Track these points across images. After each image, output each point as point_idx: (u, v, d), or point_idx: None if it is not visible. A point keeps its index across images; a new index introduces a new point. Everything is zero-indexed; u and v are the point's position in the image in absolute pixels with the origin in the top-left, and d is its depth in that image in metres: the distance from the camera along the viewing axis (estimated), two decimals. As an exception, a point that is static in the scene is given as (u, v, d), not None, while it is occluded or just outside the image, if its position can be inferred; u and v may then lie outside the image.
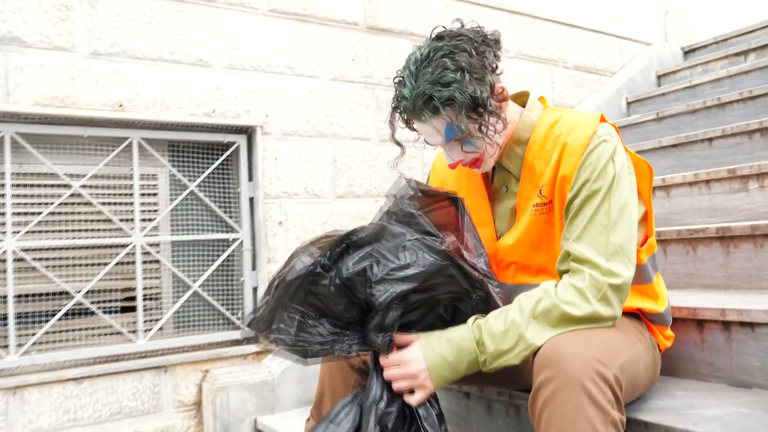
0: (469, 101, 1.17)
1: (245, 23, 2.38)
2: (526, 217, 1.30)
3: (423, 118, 1.22)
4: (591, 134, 1.23)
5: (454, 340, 1.14)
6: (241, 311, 2.36)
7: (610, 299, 1.14)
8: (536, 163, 1.29)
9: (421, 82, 1.19)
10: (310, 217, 2.47)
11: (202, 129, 2.31)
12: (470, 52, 1.19)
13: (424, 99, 1.18)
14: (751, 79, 3.01)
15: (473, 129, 1.21)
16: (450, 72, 1.16)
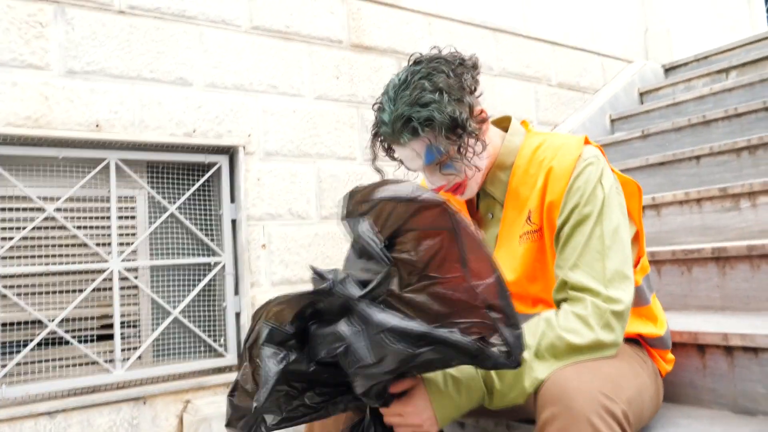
0: (448, 121, 1.14)
1: (227, 41, 2.32)
2: (515, 245, 1.26)
3: (402, 140, 1.18)
4: (576, 157, 1.20)
5: (462, 380, 1.08)
6: (223, 338, 2.27)
7: (613, 326, 1.09)
8: (521, 189, 1.26)
9: (399, 105, 1.17)
10: (295, 239, 2.40)
11: (182, 149, 2.24)
12: (447, 73, 1.17)
13: (403, 121, 1.16)
14: (734, 97, 3.02)
15: (453, 151, 1.18)
16: (428, 93, 1.14)
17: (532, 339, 1.08)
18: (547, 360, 1.06)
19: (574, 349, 1.07)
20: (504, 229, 1.27)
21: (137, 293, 2.16)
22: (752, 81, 2.95)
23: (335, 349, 0.95)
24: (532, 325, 1.10)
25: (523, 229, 1.24)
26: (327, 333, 0.97)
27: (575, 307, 1.10)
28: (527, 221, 1.23)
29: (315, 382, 1.02)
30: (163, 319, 2.18)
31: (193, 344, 2.23)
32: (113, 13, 2.11)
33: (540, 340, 1.07)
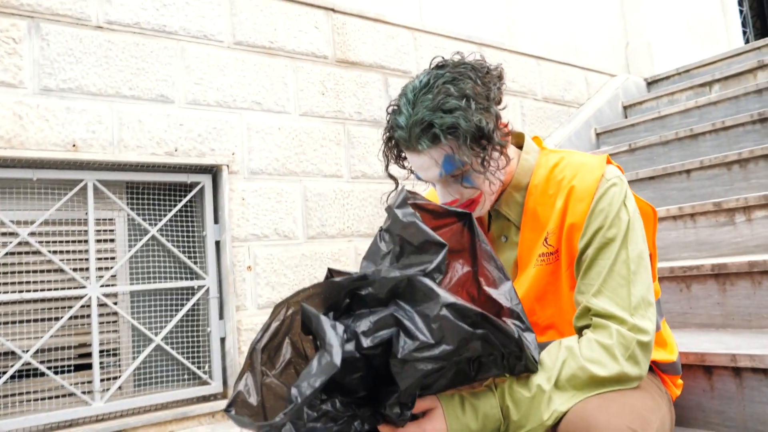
0: (474, 130, 1.06)
1: (209, 57, 2.25)
2: (530, 268, 1.20)
3: (420, 147, 1.09)
4: (599, 177, 1.13)
5: (480, 409, 1.01)
6: (208, 365, 2.18)
7: (638, 358, 1.03)
8: (539, 210, 1.19)
9: (419, 109, 1.08)
10: (281, 260, 2.32)
11: (163, 169, 2.16)
12: (475, 80, 1.09)
13: (423, 126, 1.07)
14: (720, 110, 3.02)
15: (476, 163, 1.10)
16: (453, 99, 1.06)
17: (552, 367, 1.02)
18: (567, 391, 0.99)
19: (597, 381, 1.00)
20: (523, 253, 1.21)
21: (117, 320, 2.07)
22: (737, 94, 2.96)
23: (384, 336, 0.90)
24: (552, 353, 1.04)
25: (540, 251, 1.17)
26: (373, 320, 0.91)
27: (599, 335, 1.04)
28: (544, 243, 1.17)
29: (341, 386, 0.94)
30: (145, 346, 2.08)
31: (177, 372, 2.14)
32: (90, 28, 2.03)
33: (561, 369, 1.01)
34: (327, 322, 0.87)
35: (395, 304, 0.93)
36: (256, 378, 0.93)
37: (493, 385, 1.03)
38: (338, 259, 2.47)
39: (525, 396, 1.00)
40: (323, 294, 0.93)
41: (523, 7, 3.56)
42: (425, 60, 2.93)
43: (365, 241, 2.56)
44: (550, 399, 0.98)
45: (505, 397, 1.01)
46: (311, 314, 0.89)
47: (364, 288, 0.94)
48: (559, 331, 1.18)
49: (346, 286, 0.93)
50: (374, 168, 2.65)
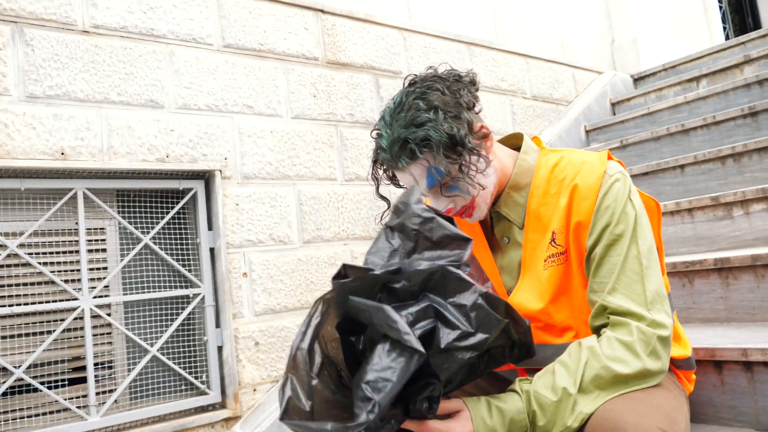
0: (445, 139, 1.08)
1: (198, 60, 2.21)
2: (540, 270, 1.18)
3: (401, 165, 1.12)
4: (602, 174, 1.13)
5: (507, 412, 0.99)
6: (205, 374, 2.13)
7: (659, 353, 1.02)
8: (542, 210, 1.18)
9: (395, 129, 1.11)
10: (277, 265, 2.28)
11: (154, 176, 2.11)
12: (442, 90, 1.12)
13: (400, 144, 1.10)
14: (709, 105, 3.04)
15: (454, 171, 1.11)
16: (423, 112, 1.09)
17: (576, 370, 1.00)
18: (591, 392, 0.98)
19: (621, 380, 0.99)
20: (527, 254, 1.19)
21: (111, 331, 2.01)
22: (725, 89, 2.98)
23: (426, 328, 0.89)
24: (573, 354, 1.02)
25: (547, 252, 1.16)
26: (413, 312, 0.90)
27: (619, 333, 1.03)
28: (552, 243, 1.15)
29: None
30: (140, 358, 2.03)
31: (174, 383, 2.09)
32: (77, 33, 1.98)
33: (584, 371, 0.99)
34: (393, 312, 0.86)
35: (426, 297, 0.92)
36: (302, 380, 0.89)
37: (519, 389, 1.01)
38: (334, 263, 2.44)
39: (551, 400, 0.97)
40: (361, 287, 0.91)
41: (510, 6, 3.55)
42: (415, 60, 2.90)
43: (361, 244, 2.53)
44: (576, 402, 0.97)
45: (531, 402, 0.99)
46: (370, 307, 0.87)
47: (397, 281, 0.92)
48: (576, 331, 1.17)
49: (382, 278, 0.92)
50: (367, 170, 2.61)
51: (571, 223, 1.13)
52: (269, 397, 2.18)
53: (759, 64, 3.17)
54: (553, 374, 1.01)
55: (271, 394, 2.18)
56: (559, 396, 0.97)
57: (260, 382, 2.18)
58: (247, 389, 2.14)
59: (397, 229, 1.05)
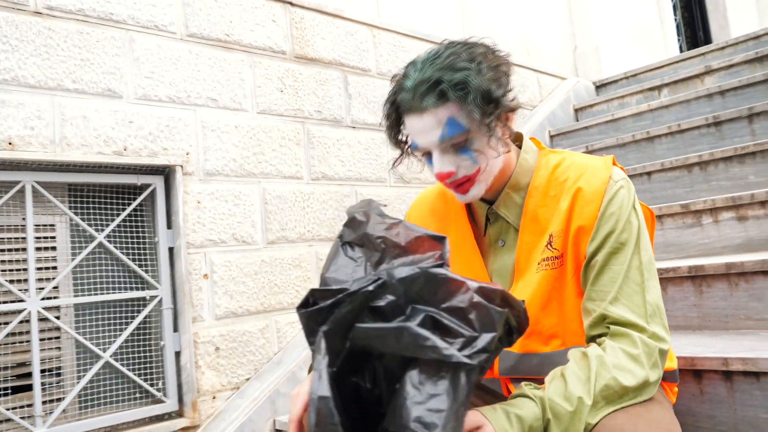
0: (484, 89, 1.01)
1: (160, 49, 2.09)
2: (532, 273, 1.13)
3: (425, 104, 1.02)
4: (607, 179, 1.09)
5: (526, 420, 0.93)
6: (162, 381, 2.01)
7: (659, 365, 0.99)
8: (540, 212, 1.13)
9: (427, 70, 1.03)
10: (240, 267, 2.18)
11: (111, 170, 1.98)
12: (485, 51, 1.06)
13: (429, 84, 1.02)
14: (672, 113, 3.08)
15: (482, 128, 1.03)
16: (464, 61, 1.02)
17: (587, 379, 0.95)
18: (598, 403, 0.93)
19: (625, 392, 0.95)
20: (521, 256, 1.14)
21: (60, 336, 1.87)
22: (688, 98, 3.02)
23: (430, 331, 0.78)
24: (581, 364, 0.97)
25: (542, 255, 1.11)
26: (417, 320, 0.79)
27: (623, 344, 0.98)
28: (548, 247, 1.10)
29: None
30: (92, 364, 1.90)
31: (127, 391, 1.96)
32: (28, 14, 1.84)
33: (596, 381, 0.94)
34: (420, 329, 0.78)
35: (416, 310, 0.80)
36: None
37: (532, 395, 0.95)
38: (299, 265, 2.35)
39: (567, 410, 0.93)
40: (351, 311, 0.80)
41: (478, 7, 3.53)
42: (384, 58, 2.84)
43: (326, 246, 2.45)
44: (590, 410, 0.92)
45: (546, 410, 0.94)
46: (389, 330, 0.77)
47: (382, 297, 0.80)
48: (562, 340, 1.12)
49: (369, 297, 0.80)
50: (335, 169, 2.54)
51: (572, 228, 1.08)
52: (229, 404, 2.07)
53: (719, 75, 3.23)
54: (564, 382, 0.96)
55: (231, 402, 2.08)
56: (575, 407, 0.92)
57: (220, 389, 2.07)
58: (206, 397, 2.03)
59: (357, 243, 0.96)
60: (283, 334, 2.27)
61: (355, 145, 2.64)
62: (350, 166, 2.60)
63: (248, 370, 2.15)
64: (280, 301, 2.28)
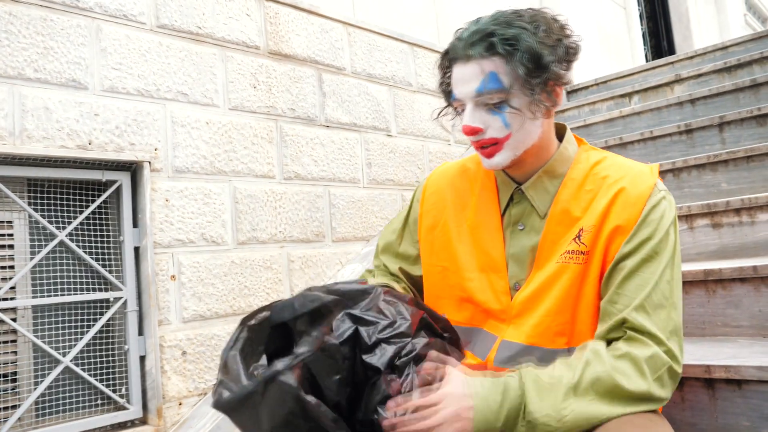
0: (535, 50, 0.99)
1: (129, 39, 2.00)
2: (553, 264, 1.09)
3: (471, 52, 1.02)
4: (652, 186, 1.07)
5: (500, 380, 0.91)
6: (125, 387, 1.92)
7: (665, 382, 0.96)
8: (572, 204, 1.10)
9: (483, 23, 1.04)
10: (209, 268, 2.10)
11: (74, 165, 1.88)
12: (551, 20, 1.06)
13: (482, 35, 1.02)
14: (643, 120, 3.10)
15: (523, 88, 1.01)
16: (523, 21, 1.02)
17: (575, 366, 0.94)
18: (587, 395, 0.91)
19: (620, 393, 0.92)
20: (545, 245, 1.11)
21: (16, 339, 1.77)
22: (659, 106, 3.05)
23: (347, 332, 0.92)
24: (575, 355, 0.97)
25: (568, 247, 1.07)
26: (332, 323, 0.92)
27: (633, 347, 0.96)
28: (576, 240, 1.07)
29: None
30: (51, 369, 1.80)
31: (89, 397, 1.87)
32: (-13, -3, 1.73)
33: (584, 370, 0.92)
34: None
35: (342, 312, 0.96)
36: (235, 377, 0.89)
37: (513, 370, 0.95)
38: (270, 267, 2.28)
39: (545, 382, 0.92)
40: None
41: (452, 9, 3.51)
42: (359, 57, 2.79)
43: (298, 247, 2.38)
44: (569, 396, 0.90)
45: (523, 377, 0.92)
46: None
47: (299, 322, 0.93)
48: (568, 339, 1.08)
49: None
50: (308, 169, 2.48)
51: (607, 226, 1.05)
52: (196, 411, 1.99)
53: (688, 84, 3.28)
54: (552, 366, 0.95)
55: (198, 408, 2.00)
56: (554, 381, 0.92)
57: (187, 395, 1.99)
58: (171, 403, 1.95)
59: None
60: (253, 338, 2.19)
61: (329, 145, 2.59)
62: (323, 165, 2.55)
63: (216, 375, 2.07)
64: (250, 304, 2.20)
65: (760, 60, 3.06)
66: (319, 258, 2.47)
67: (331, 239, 2.53)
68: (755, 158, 2.25)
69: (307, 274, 2.40)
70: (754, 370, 1.34)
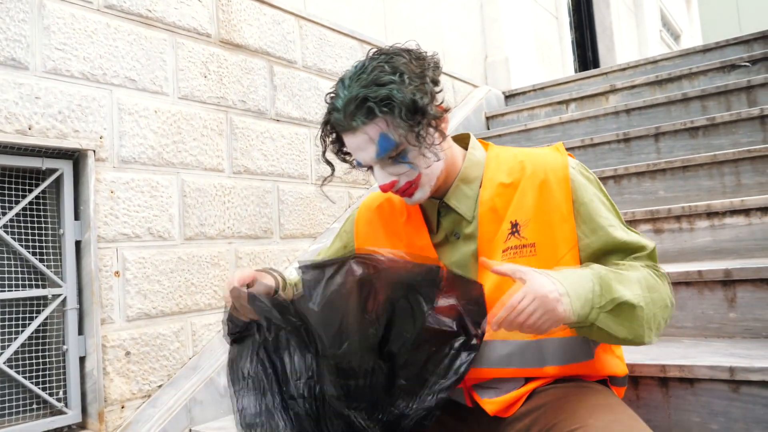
0: (408, 102, 1.04)
1: (74, 19, 1.87)
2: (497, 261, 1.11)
3: (355, 123, 1.07)
4: (566, 165, 1.16)
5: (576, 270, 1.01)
6: (63, 390, 1.80)
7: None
8: (497, 201, 1.16)
9: (354, 88, 1.06)
10: (155, 264, 2.00)
11: (11, 151, 1.74)
12: (409, 60, 1.09)
13: (357, 102, 1.05)
14: (581, 127, 3.22)
15: (411, 138, 1.07)
16: (387, 74, 1.05)
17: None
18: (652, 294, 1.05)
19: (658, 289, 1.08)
20: (483, 246, 1.15)
21: (-58, 339, 1.62)
22: (597, 114, 3.18)
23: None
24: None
25: (507, 244, 1.13)
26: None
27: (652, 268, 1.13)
28: (514, 235, 1.13)
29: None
30: (-19, 371, 1.66)
31: (23, 401, 1.74)
32: None
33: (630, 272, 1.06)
34: None
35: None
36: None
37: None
38: (217, 264, 2.20)
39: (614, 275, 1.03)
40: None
41: (398, 10, 3.52)
42: (311, 51, 2.74)
43: (246, 243, 2.31)
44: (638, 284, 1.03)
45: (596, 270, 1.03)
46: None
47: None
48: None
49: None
50: (257, 163, 2.41)
51: (543, 217, 1.13)
52: (140, 414, 1.90)
53: (622, 95, 3.43)
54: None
55: (142, 412, 1.90)
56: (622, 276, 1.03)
57: (130, 398, 1.89)
58: (114, 406, 1.85)
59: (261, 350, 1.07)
60: (199, 337, 2.12)
61: (279, 139, 2.52)
62: (273, 160, 2.48)
63: (161, 376, 1.98)
64: (197, 302, 2.12)
65: (688, 75, 3.24)
66: (267, 255, 2.41)
67: (280, 236, 2.47)
68: (690, 168, 2.38)
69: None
70: (707, 370, 1.41)
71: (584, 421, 0.94)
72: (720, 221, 2.03)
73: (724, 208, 2.01)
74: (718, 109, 2.83)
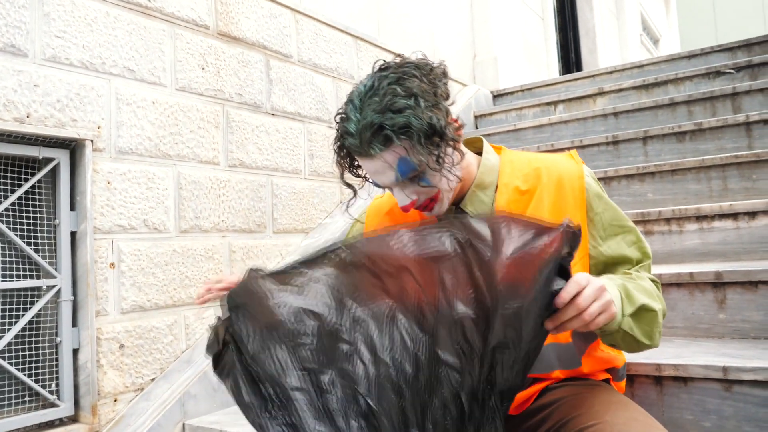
0: (426, 128, 1.03)
1: (75, 6, 1.85)
2: None
3: (373, 151, 1.05)
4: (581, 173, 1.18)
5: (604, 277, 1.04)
6: (56, 382, 1.78)
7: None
8: (513, 207, 1.17)
9: (367, 113, 1.04)
10: (150, 256, 1.99)
11: (8, 139, 1.71)
12: (420, 78, 1.06)
13: (373, 130, 1.03)
14: (570, 129, 3.27)
15: (431, 161, 1.06)
16: (401, 99, 1.03)
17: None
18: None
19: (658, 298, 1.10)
20: None
21: (-65, 329, 1.59)
22: (586, 116, 3.22)
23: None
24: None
25: None
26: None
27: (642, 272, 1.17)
28: None
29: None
30: (-26, 362, 1.63)
31: (15, 393, 1.71)
32: None
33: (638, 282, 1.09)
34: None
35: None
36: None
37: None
38: (212, 257, 2.19)
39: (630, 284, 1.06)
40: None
41: (391, 7, 3.52)
42: (306, 45, 2.74)
43: (240, 237, 2.31)
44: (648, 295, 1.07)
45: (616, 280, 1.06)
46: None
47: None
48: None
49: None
50: (252, 157, 2.40)
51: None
52: (133, 408, 1.88)
53: (610, 98, 3.49)
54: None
55: (135, 405, 1.89)
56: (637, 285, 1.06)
57: (123, 391, 1.88)
58: (107, 399, 1.83)
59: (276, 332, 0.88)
60: (192, 331, 2.11)
61: (274, 133, 2.52)
62: (267, 154, 2.48)
63: (154, 370, 1.97)
64: (191, 295, 2.11)
65: (674, 80, 3.31)
66: (261, 249, 2.40)
67: (273, 230, 2.47)
68: (679, 172, 2.43)
69: (248, 266, 2.33)
70: (700, 369, 1.45)
71: (601, 417, 0.96)
72: (709, 224, 2.08)
73: (713, 211, 2.07)
74: (704, 114, 2.90)
